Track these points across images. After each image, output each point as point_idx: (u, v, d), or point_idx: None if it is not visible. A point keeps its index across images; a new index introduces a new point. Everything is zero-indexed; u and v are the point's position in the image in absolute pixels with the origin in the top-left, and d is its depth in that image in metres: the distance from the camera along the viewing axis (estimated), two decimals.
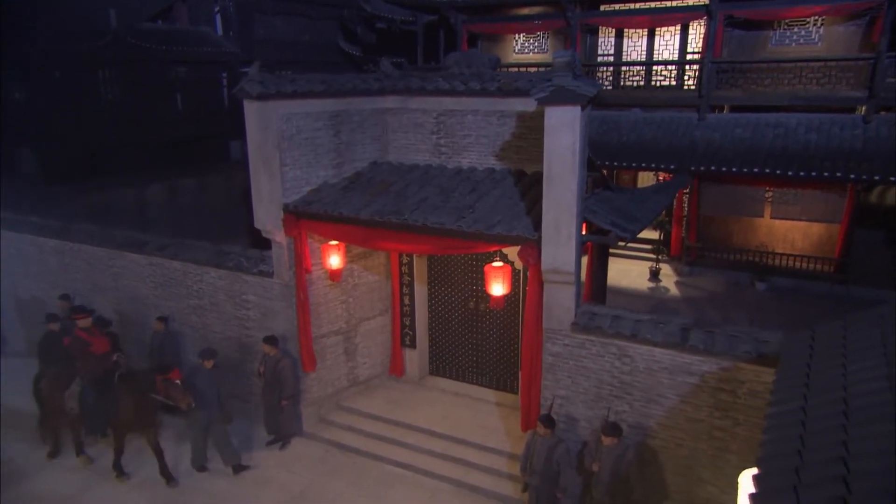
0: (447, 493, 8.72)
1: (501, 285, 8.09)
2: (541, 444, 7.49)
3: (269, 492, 8.78)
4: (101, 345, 9.24)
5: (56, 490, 8.83)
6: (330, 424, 10.20)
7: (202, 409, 8.63)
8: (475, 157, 9.58)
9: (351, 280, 10.31)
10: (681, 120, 17.48)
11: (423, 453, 9.38)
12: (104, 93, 20.47)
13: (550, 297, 7.51)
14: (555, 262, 7.18)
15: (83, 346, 9.05)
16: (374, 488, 8.83)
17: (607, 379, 7.45)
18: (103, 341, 9.33)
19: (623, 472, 7.07)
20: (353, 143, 9.88)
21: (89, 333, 9.22)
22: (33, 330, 12.95)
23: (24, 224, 12.67)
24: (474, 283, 10.47)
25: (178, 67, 22.41)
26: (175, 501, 8.63)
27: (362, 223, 8.58)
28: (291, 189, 9.19)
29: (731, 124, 16.59)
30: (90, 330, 9.27)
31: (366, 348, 10.80)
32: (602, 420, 7.46)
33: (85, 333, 9.19)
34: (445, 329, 10.97)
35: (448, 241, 8.10)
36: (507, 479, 8.78)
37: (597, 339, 7.39)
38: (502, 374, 10.58)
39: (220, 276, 10.27)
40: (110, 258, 11.53)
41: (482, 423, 9.79)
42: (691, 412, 7.03)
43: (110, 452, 9.01)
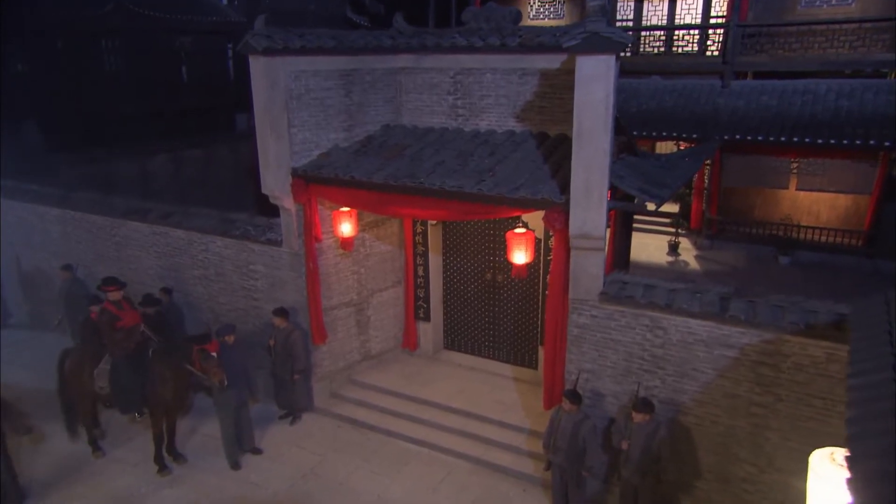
0: (465, 471, 8.34)
1: (524, 253, 7.60)
2: (566, 421, 7.06)
3: (279, 468, 8.43)
4: (130, 318, 8.58)
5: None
6: (342, 399, 9.82)
7: (232, 388, 8.10)
8: (494, 119, 9.03)
9: (363, 250, 9.85)
10: (703, 87, 16.78)
11: (439, 429, 8.99)
12: (107, 63, 19.92)
13: (577, 265, 7.02)
14: (584, 227, 6.68)
15: (111, 321, 8.46)
16: (388, 465, 8.46)
17: (637, 352, 6.98)
18: (133, 315, 8.65)
19: (654, 451, 6.64)
20: (365, 105, 9.35)
21: (118, 307, 8.57)
22: (36, 302, 12.66)
23: (25, 192, 12.26)
24: (492, 254, 10.00)
25: (182, 37, 21.76)
26: (176, 481, 8.29)
27: (376, 188, 8.09)
28: (300, 152, 8.69)
29: (757, 91, 15.89)
30: (119, 303, 8.61)
31: (378, 321, 10.37)
32: (632, 396, 7.02)
33: (114, 307, 8.54)
34: (461, 301, 10.52)
35: (467, 205, 7.61)
36: (527, 457, 8.38)
37: (627, 309, 6.91)
38: (521, 349, 10.15)
39: (227, 245, 9.83)
40: (113, 227, 11.12)
41: (500, 399, 9.38)
42: (729, 387, 6.57)
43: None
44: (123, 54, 19.45)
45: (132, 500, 7.90)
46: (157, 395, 8.02)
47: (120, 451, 8.87)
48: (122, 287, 8.75)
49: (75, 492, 8.04)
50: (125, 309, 8.63)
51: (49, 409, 9.40)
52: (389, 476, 8.25)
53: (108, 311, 8.38)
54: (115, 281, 8.81)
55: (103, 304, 8.59)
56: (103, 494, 8.00)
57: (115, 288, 8.63)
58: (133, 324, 8.48)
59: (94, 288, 11.41)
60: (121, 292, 8.63)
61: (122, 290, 8.65)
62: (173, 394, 8.05)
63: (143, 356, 8.22)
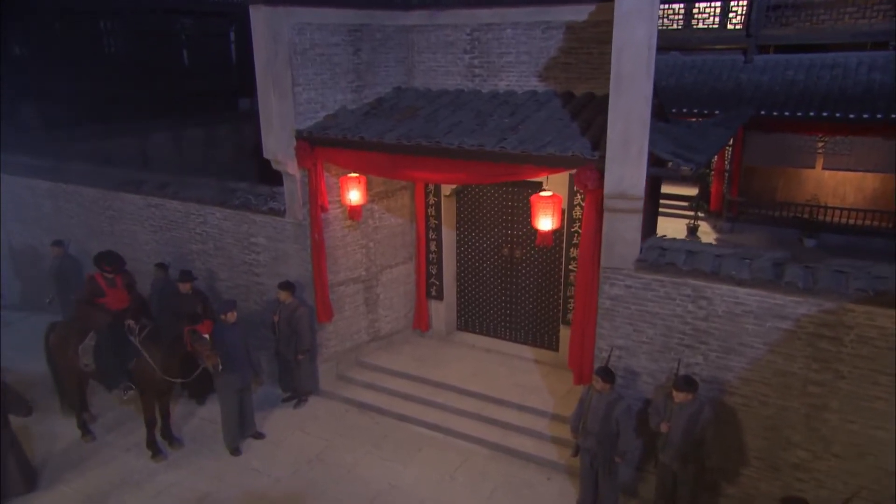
0: (482, 457, 7.70)
1: (551, 219, 6.94)
2: (597, 401, 6.41)
3: (282, 454, 7.81)
4: (116, 299, 7.96)
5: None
6: (349, 382, 9.19)
7: (233, 371, 7.44)
8: (514, 79, 8.36)
9: (371, 222, 9.20)
10: (724, 63, 16.09)
11: (454, 413, 8.36)
12: (106, 45, 19.24)
13: (611, 229, 6.36)
14: (621, 185, 6.01)
15: (94, 293, 7.87)
16: (400, 451, 7.83)
17: (677, 326, 6.32)
18: (122, 296, 8.01)
19: (698, 434, 5.99)
20: (375, 65, 8.68)
21: (109, 284, 7.95)
22: (27, 281, 12.05)
23: (15, 165, 11.62)
24: (510, 227, 9.33)
25: (183, 18, 21.07)
26: (172, 466, 7.68)
27: (387, 149, 7.43)
28: (305, 114, 8.04)
29: (782, 66, 15.18)
30: (113, 281, 7.98)
31: (388, 299, 9.73)
32: (670, 374, 6.37)
33: (104, 282, 7.93)
34: (476, 279, 9.86)
35: (487, 166, 6.95)
36: (550, 443, 7.75)
37: (666, 278, 6.24)
38: (541, 330, 9.49)
39: (226, 217, 9.19)
40: (106, 200, 10.48)
41: (519, 382, 8.74)
42: (781, 364, 5.91)
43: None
44: (123, 36, 18.77)
45: (124, 487, 7.28)
46: (147, 376, 7.38)
47: (111, 435, 8.26)
48: (120, 266, 8.10)
49: (63, 477, 7.43)
50: (117, 288, 7.98)
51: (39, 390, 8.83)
52: (402, 462, 7.62)
53: (94, 282, 7.75)
54: (114, 260, 8.09)
55: (93, 274, 7.94)
56: (93, 480, 7.39)
57: (110, 268, 7.98)
58: (116, 307, 7.82)
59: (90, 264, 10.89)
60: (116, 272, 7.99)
61: (116, 269, 7.98)
62: (163, 375, 7.41)
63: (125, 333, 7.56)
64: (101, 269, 7.90)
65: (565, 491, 7.11)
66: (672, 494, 6.34)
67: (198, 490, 7.22)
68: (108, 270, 7.87)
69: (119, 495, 7.15)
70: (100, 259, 7.93)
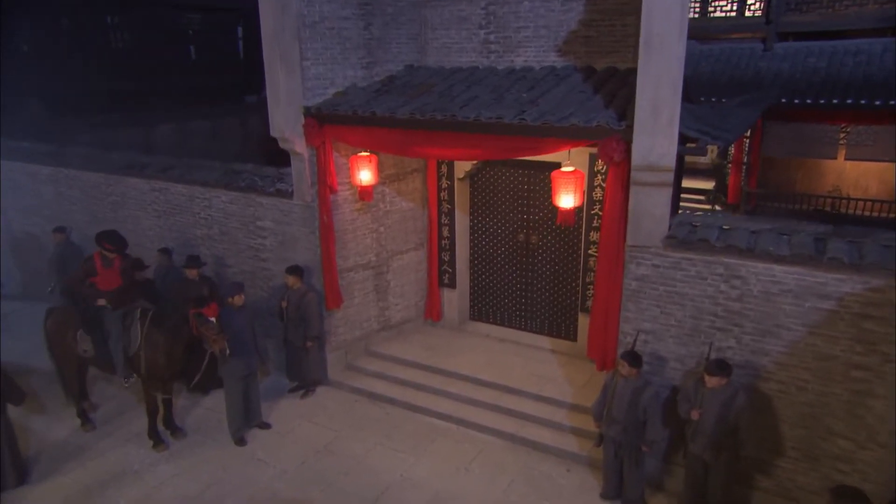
0: (499, 448, 7.34)
1: (573, 196, 6.57)
2: (623, 387, 6.04)
3: (289, 445, 7.47)
4: (108, 280, 7.52)
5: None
6: (358, 372, 8.84)
7: (239, 356, 7.12)
8: (532, 55, 8.01)
9: (382, 206, 8.86)
10: (743, 51, 15.65)
11: (468, 404, 8.00)
12: (113, 40, 19.01)
13: (639, 204, 5.98)
14: (650, 156, 5.64)
15: (88, 272, 7.48)
16: (412, 442, 7.47)
17: (709, 307, 5.94)
18: (114, 278, 7.56)
19: (731, 421, 5.60)
20: (387, 41, 8.35)
21: (105, 264, 7.51)
22: (28, 271, 11.78)
23: (15, 150, 11.36)
24: (525, 212, 8.97)
25: (190, 14, 20.83)
26: (174, 457, 7.34)
27: (400, 124, 7.09)
28: (314, 90, 7.71)
29: (803, 54, 14.73)
30: (110, 261, 7.54)
31: (398, 287, 9.37)
32: (700, 358, 5.99)
33: (100, 261, 7.51)
34: (490, 266, 9.50)
35: (506, 140, 6.59)
36: (569, 434, 7.37)
37: (697, 256, 5.86)
38: (558, 319, 9.12)
39: (231, 200, 8.87)
40: (108, 185, 10.19)
41: (535, 372, 8.37)
42: (822, 346, 5.52)
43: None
44: (130, 32, 18.53)
45: (124, 478, 6.95)
46: (148, 362, 7.05)
47: (111, 425, 7.93)
48: (122, 247, 7.68)
49: (61, 468, 7.11)
50: (112, 269, 7.59)
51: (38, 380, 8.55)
52: (414, 454, 7.26)
53: (90, 262, 7.43)
54: (116, 240, 7.65)
55: (93, 254, 7.60)
56: (92, 471, 7.06)
57: (111, 247, 7.55)
58: (107, 287, 7.45)
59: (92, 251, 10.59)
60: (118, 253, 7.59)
61: (117, 249, 7.59)
62: (167, 361, 7.08)
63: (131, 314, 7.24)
64: (101, 247, 7.55)
65: (587, 483, 6.73)
66: (702, 487, 5.95)
67: (200, 481, 6.88)
68: (110, 249, 7.49)
69: (118, 486, 6.82)
70: (101, 237, 7.56)
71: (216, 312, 6.77)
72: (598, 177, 7.89)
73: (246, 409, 7.61)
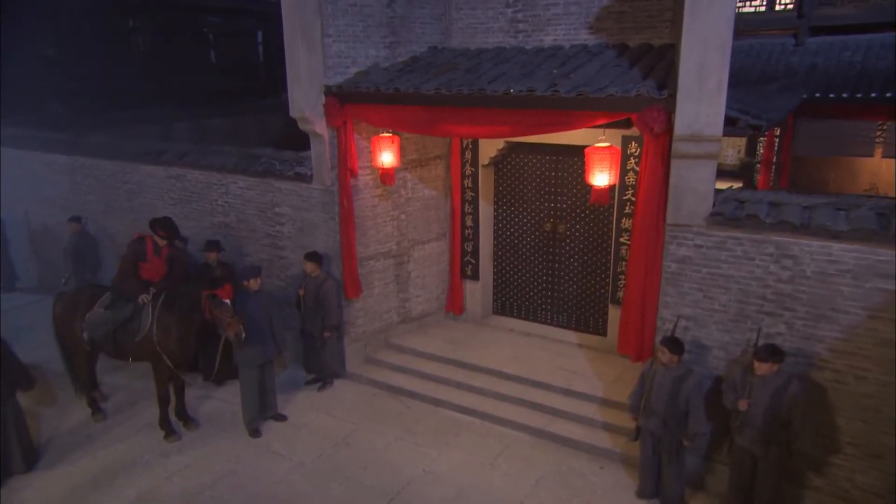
0: (526, 444, 6.93)
1: (607, 173, 6.19)
2: (663, 376, 5.63)
3: (306, 437, 7.13)
4: (154, 269, 7.20)
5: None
6: (378, 365, 8.49)
7: (255, 344, 6.77)
8: (562, 33, 7.68)
9: (404, 192, 8.54)
10: (773, 47, 15.18)
11: (493, 398, 7.61)
12: (134, 44, 19.00)
13: (680, 179, 5.59)
14: (694, 125, 5.26)
15: (136, 255, 7.11)
16: (434, 436, 7.10)
17: (756, 290, 5.52)
18: (160, 267, 7.24)
19: (783, 413, 5.16)
20: (410, 20, 8.06)
21: (156, 252, 7.20)
22: (44, 262, 11.62)
23: (33, 140, 11.23)
24: (552, 200, 8.60)
25: (210, 17, 20.76)
26: (186, 447, 7.03)
27: (425, 101, 6.78)
28: (335, 68, 7.44)
29: (837, 48, 14.23)
30: (160, 250, 7.22)
31: (419, 278, 9.03)
32: (746, 346, 5.57)
33: (151, 246, 7.16)
34: (515, 257, 9.13)
35: (537, 115, 6.24)
36: (601, 430, 6.95)
37: (745, 235, 5.46)
38: (587, 312, 8.71)
39: (249, 186, 8.60)
40: (125, 173, 9.98)
41: (563, 366, 7.97)
42: (884, 332, 5.07)
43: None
44: (150, 34, 18.47)
45: (134, 468, 6.64)
46: (159, 347, 6.75)
47: (122, 415, 7.66)
48: (174, 235, 7.40)
49: (69, 457, 6.83)
50: (160, 257, 7.23)
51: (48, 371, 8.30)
52: (436, 448, 6.88)
53: (142, 243, 7.11)
54: (169, 227, 7.34)
55: (144, 236, 7.27)
56: (101, 460, 6.77)
57: (165, 234, 7.26)
58: (152, 276, 7.14)
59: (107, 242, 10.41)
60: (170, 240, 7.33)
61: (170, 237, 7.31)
62: (178, 347, 6.77)
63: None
64: (154, 233, 7.25)
65: (621, 481, 6.30)
66: (749, 484, 5.49)
67: (213, 472, 6.55)
68: (163, 236, 7.22)
69: (128, 476, 6.51)
70: (155, 223, 7.27)
71: (231, 295, 6.46)
72: (632, 160, 7.51)
73: (261, 399, 7.29)
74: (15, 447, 6.47)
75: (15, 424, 6.50)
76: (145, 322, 6.77)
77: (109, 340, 6.92)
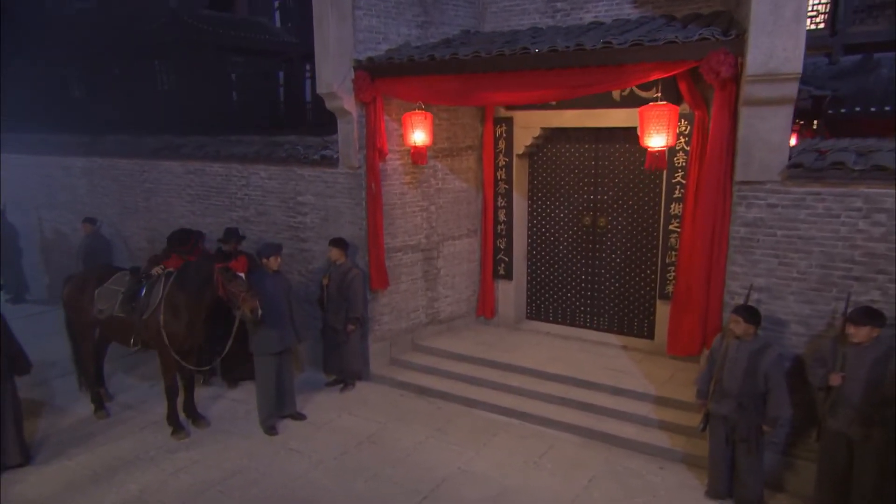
0: (572, 444, 6.18)
1: (664, 134, 5.65)
2: (737, 351, 4.94)
3: (327, 436, 6.43)
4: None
5: None
6: (404, 367, 7.83)
7: (273, 328, 6.22)
8: (603, 9, 7.33)
9: (434, 182, 8.06)
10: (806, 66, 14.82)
11: (532, 398, 6.90)
12: (160, 83, 19.14)
13: (750, 129, 5.04)
14: (770, 62, 4.75)
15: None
16: (470, 436, 6.37)
17: (843, 252, 4.88)
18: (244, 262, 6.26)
19: (886, 387, 4.44)
20: (443, 1, 7.75)
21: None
22: (55, 273, 11.16)
23: (53, 144, 10.97)
24: (592, 192, 8.07)
25: (234, 57, 20.91)
26: (195, 444, 6.35)
27: (462, 67, 6.37)
28: (365, 42, 7.08)
29: (873, 65, 13.87)
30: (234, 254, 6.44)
31: (449, 277, 8.44)
32: (832, 316, 4.89)
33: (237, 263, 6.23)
34: (551, 255, 8.53)
35: (583, 74, 5.77)
36: (657, 430, 6.20)
37: (827, 189, 4.86)
38: (630, 313, 8.03)
39: (271, 176, 8.17)
40: (142, 171, 9.63)
41: (608, 366, 7.27)
42: None
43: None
44: (175, 73, 18.61)
45: (137, 463, 5.97)
46: (167, 327, 6.15)
47: (128, 412, 7.03)
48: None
49: (66, 452, 6.18)
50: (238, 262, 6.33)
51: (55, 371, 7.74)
52: (472, 448, 6.15)
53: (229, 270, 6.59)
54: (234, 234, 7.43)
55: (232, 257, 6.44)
56: (101, 455, 6.10)
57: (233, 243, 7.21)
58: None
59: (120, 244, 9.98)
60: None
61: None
62: (188, 328, 6.17)
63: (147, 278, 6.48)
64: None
65: (687, 482, 5.52)
66: (844, 478, 4.71)
67: (223, 468, 5.86)
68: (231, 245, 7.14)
69: (130, 471, 5.83)
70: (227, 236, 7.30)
71: (245, 268, 5.89)
72: (682, 139, 6.99)
73: (278, 394, 6.62)
74: (13, 438, 5.85)
75: (13, 414, 5.90)
76: (154, 298, 6.22)
77: (117, 318, 6.36)
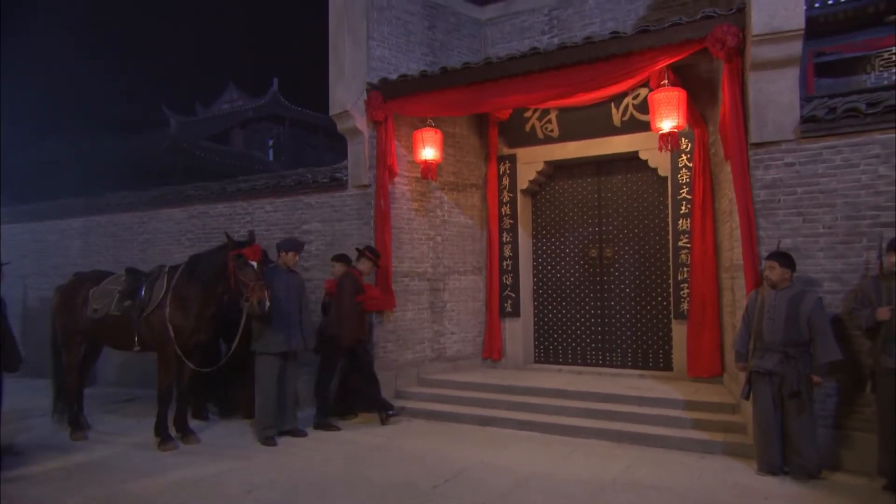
0: (602, 446, 5.65)
1: (675, 116, 5.83)
2: (776, 300, 4.74)
3: (330, 449, 5.80)
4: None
5: None
6: (410, 398, 7.31)
7: (279, 329, 5.88)
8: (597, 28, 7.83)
9: (440, 213, 8.08)
10: None
11: (552, 413, 6.42)
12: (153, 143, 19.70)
13: (760, 94, 5.22)
14: (773, 21, 5.02)
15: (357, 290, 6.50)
16: (488, 442, 5.83)
17: (866, 200, 4.87)
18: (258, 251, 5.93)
19: None
20: (449, 47, 8.29)
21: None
22: (35, 345, 10.58)
23: (48, 210, 10.91)
24: (596, 224, 8.13)
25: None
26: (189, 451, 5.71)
27: (473, 75, 6.68)
28: (377, 70, 7.45)
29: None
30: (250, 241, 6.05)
31: (455, 312, 8.18)
32: (866, 268, 4.78)
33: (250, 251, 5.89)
34: (558, 292, 8.36)
35: (593, 69, 6.07)
36: (691, 429, 5.73)
37: (842, 141, 4.96)
38: (645, 346, 7.75)
39: (276, 208, 8.15)
40: (141, 223, 9.54)
41: (629, 386, 6.86)
42: None
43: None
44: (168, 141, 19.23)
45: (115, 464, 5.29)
46: (172, 321, 5.77)
47: (108, 435, 6.35)
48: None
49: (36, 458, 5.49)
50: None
51: None
52: (493, 449, 5.60)
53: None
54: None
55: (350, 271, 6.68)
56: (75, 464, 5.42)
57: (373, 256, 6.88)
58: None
59: None
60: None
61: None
62: (195, 322, 5.81)
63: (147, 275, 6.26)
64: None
65: (733, 465, 5.00)
66: None
67: (215, 466, 5.22)
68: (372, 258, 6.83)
69: (109, 471, 5.16)
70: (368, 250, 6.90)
71: (259, 256, 5.69)
72: (683, 157, 7.21)
73: (279, 405, 6.07)
74: None
75: None
76: (157, 294, 5.89)
77: (113, 317, 5.97)
